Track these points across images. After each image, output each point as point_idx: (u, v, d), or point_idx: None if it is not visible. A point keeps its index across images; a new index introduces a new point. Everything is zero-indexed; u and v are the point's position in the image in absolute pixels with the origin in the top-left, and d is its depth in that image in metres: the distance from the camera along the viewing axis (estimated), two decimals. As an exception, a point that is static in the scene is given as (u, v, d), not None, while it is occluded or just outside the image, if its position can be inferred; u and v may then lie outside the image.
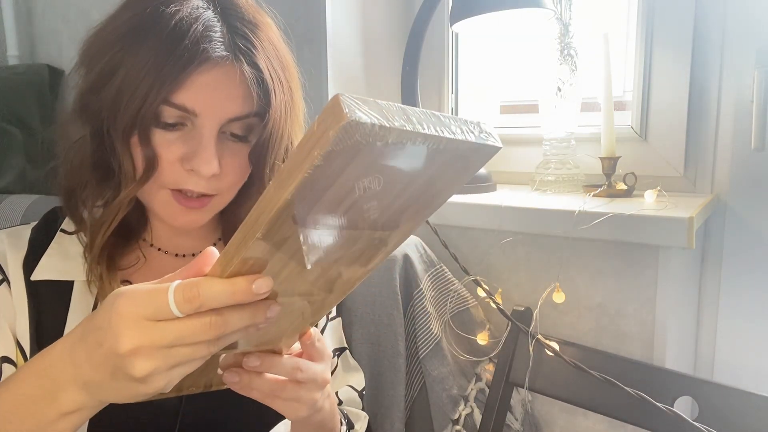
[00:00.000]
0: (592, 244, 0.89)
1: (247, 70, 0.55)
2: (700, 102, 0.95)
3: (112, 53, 0.55)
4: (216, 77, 0.55)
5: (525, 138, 1.14)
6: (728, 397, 0.72)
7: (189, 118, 0.55)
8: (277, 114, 0.58)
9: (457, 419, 0.89)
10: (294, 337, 0.51)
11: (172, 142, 0.56)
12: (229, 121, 0.57)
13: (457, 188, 0.42)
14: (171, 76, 0.52)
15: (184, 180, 0.57)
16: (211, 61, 0.54)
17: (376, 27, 1.19)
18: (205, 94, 0.54)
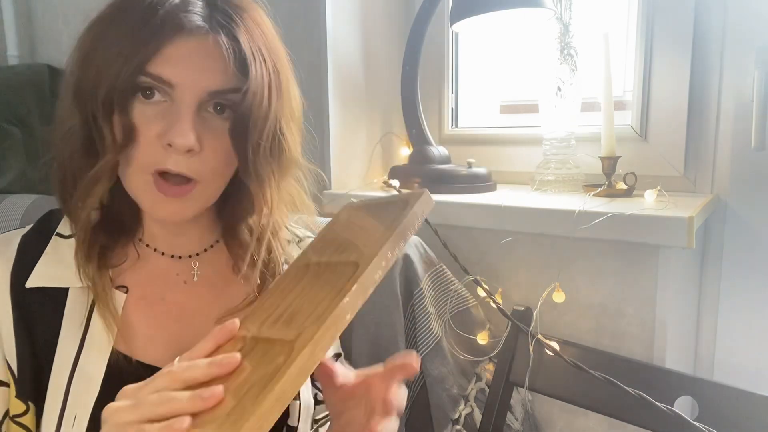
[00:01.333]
0: (592, 244, 0.89)
1: (223, 41, 0.54)
2: (700, 101, 0.95)
3: (93, 34, 0.56)
4: (193, 48, 0.54)
5: (525, 138, 1.14)
6: (728, 397, 0.72)
7: (167, 91, 0.54)
8: (257, 88, 0.55)
9: (457, 419, 0.89)
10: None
11: (151, 118, 0.55)
12: (208, 95, 0.55)
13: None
14: (146, 46, 0.52)
15: (162, 158, 0.55)
16: (186, 31, 0.54)
17: (376, 27, 1.19)
18: (181, 65, 0.54)
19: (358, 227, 0.47)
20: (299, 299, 0.46)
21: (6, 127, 1.42)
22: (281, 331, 0.45)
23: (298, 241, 0.74)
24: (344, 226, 0.46)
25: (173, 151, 0.54)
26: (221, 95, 0.56)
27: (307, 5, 1.09)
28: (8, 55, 1.62)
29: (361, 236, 0.47)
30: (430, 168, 1.07)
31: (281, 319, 0.46)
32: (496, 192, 1.05)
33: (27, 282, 0.59)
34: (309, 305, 0.45)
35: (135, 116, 0.55)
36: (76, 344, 0.58)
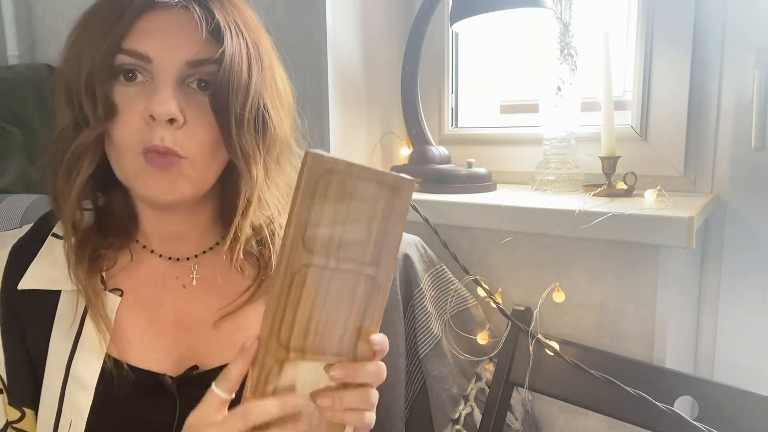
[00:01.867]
0: (592, 244, 0.89)
1: (196, 10, 0.55)
2: (701, 101, 0.95)
3: (75, 28, 0.57)
4: (166, 21, 0.55)
5: (525, 138, 1.14)
6: (728, 397, 0.72)
7: (145, 66, 0.54)
8: (234, 57, 0.55)
9: (457, 419, 0.89)
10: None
11: (133, 97, 0.55)
12: (186, 66, 0.55)
13: (404, 223, 0.49)
14: (119, 23, 0.53)
15: (149, 134, 0.54)
16: (158, 4, 0.55)
17: (376, 27, 1.19)
18: (156, 38, 0.54)
19: (357, 210, 0.46)
20: (322, 313, 0.48)
21: (6, 127, 1.42)
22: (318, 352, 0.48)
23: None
24: (338, 195, 0.45)
25: (157, 125, 0.54)
26: (199, 66, 0.55)
27: (307, 5, 1.09)
28: (8, 55, 1.62)
29: (365, 230, 0.47)
30: (430, 168, 1.07)
31: (311, 335, 0.48)
32: (496, 192, 1.05)
33: (19, 284, 0.58)
34: (334, 325, 0.48)
35: (117, 97, 0.55)
36: (68, 349, 0.57)
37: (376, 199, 0.47)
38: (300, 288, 0.46)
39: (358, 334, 0.49)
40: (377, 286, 0.49)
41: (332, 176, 0.45)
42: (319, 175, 0.44)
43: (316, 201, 0.45)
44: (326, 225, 0.46)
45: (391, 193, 0.47)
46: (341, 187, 0.45)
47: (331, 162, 0.45)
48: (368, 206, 0.47)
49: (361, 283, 0.48)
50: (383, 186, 0.47)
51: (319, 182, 0.45)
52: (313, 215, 0.45)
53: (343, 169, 0.45)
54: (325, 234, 0.46)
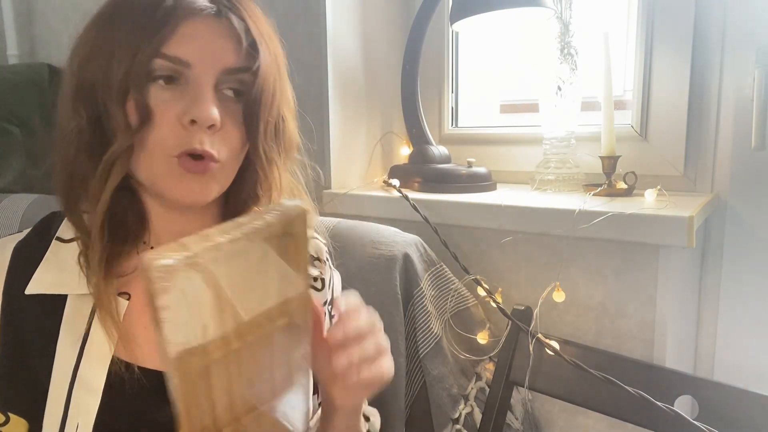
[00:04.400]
0: (592, 244, 0.89)
1: (235, 21, 0.56)
2: (701, 101, 0.95)
3: (96, 30, 0.56)
4: (205, 27, 0.56)
5: (525, 137, 1.14)
6: (728, 396, 0.72)
7: (183, 71, 0.55)
8: (267, 68, 0.58)
9: (458, 418, 0.89)
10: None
11: (168, 100, 0.55)
12: (223, 74, 0.56)
13: (305, 252, 0.43)
14: (160, 29, 0.53)
15: (187, 138, 0.55)
16: (198, 11, 0.55)
17: (376, 27, 1.19)
18: (196, 44, 0.55)
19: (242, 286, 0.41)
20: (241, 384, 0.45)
21: (6, 127, 1.42)
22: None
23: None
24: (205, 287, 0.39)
25: (197, 129, 0.55)
26: (235, 73, 0.57)
27: (307, 5, 1.09)
28: (8, 55, 1.62)
29: (260, 290, 0.42)
30: (430, 167, 1.08)
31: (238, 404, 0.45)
32: (496, 191, 1.05)
33: (26, 289, 0.58)
34: (260, 381, 0.46)
35: (152, 101, 0.55)
36: (76, 352, 0.57)
37: (262, 253, 0.41)
38: (206, 381, 0.42)
39: (290, 372, 0.47)
40: (296, 326, 0.45)
41: (197, 269, 0.39)
42: (178, 279, 0.38)
43: (192, 316, 0.39)
44: (210, 310, 0.40)
45: (283, 236, 0.42)
46: (210, 266, 0.39)
47: (185, 260, 0.37)
48: (256, 267, 0.41)
49: (277, 338, 0.44)
50: (269, 238, 0.41)
51: (184, 287, 0.38)
52: (190, 333, 0.40)
53: (206, 255, 0.38)
54: (214, 320, 0.41)
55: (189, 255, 0.38)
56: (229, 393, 0.44)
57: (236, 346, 0.42)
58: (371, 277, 0.88)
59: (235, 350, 0.43)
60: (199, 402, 0.42)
